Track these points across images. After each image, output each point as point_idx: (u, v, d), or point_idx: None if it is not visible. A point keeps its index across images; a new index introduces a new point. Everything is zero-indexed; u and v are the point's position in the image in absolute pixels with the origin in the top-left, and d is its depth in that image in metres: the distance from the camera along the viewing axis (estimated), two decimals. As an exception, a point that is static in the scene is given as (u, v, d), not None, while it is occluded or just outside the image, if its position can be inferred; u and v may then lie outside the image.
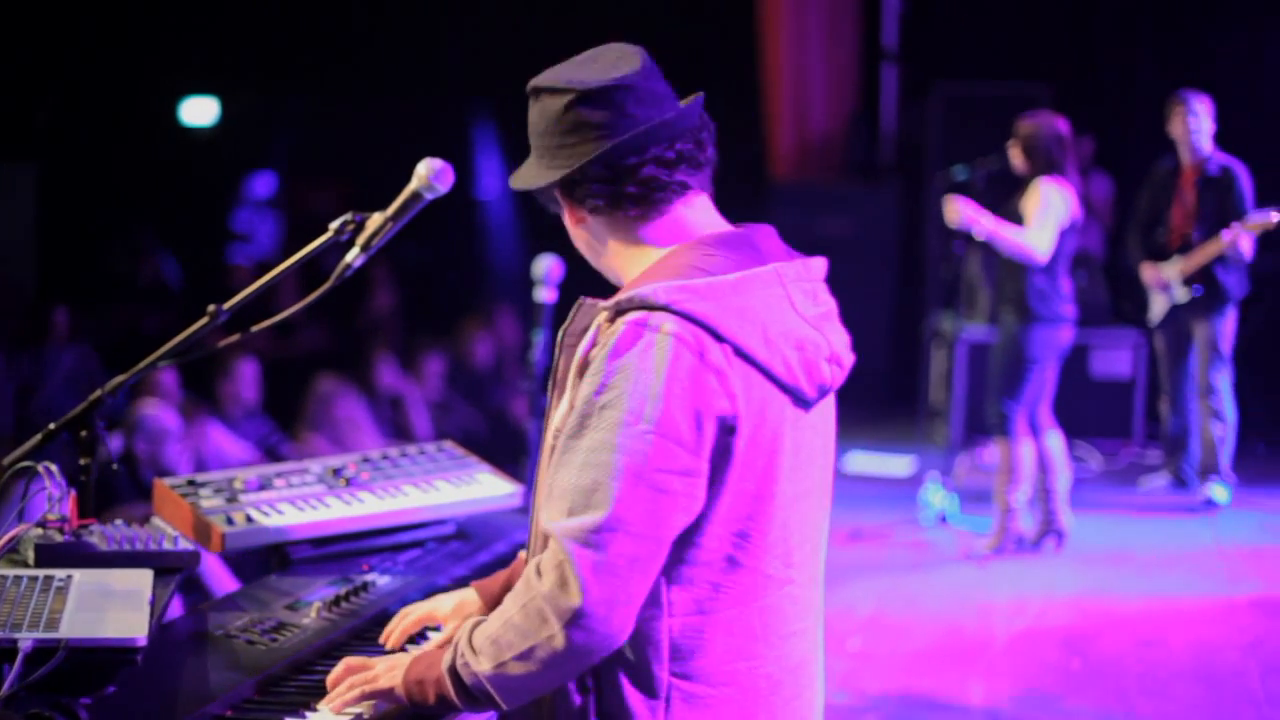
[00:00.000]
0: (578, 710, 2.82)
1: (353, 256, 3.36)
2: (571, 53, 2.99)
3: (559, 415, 2.83)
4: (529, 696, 2.79)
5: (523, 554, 3.33)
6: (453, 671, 2.80)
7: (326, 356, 11.33)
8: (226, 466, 8.05)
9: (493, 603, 3.26)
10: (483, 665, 2.76)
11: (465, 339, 11.68)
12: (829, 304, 2.98)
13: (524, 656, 2.72)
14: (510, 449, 6.29)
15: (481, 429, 10.93)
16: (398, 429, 10.52)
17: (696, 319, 2.71)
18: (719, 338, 2.72)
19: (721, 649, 2.81)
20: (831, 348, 2.91)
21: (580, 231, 2.99)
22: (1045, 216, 8.41)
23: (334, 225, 3.41)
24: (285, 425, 9.80)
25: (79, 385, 11.07)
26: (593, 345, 2.78)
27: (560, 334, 2.95)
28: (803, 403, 2.86)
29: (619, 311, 2.77)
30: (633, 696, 2.80)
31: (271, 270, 3.44)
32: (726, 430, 2.72)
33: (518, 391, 11.68)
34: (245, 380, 9.51)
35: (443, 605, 3.34)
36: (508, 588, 3.27)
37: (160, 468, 7.84)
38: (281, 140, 16.53)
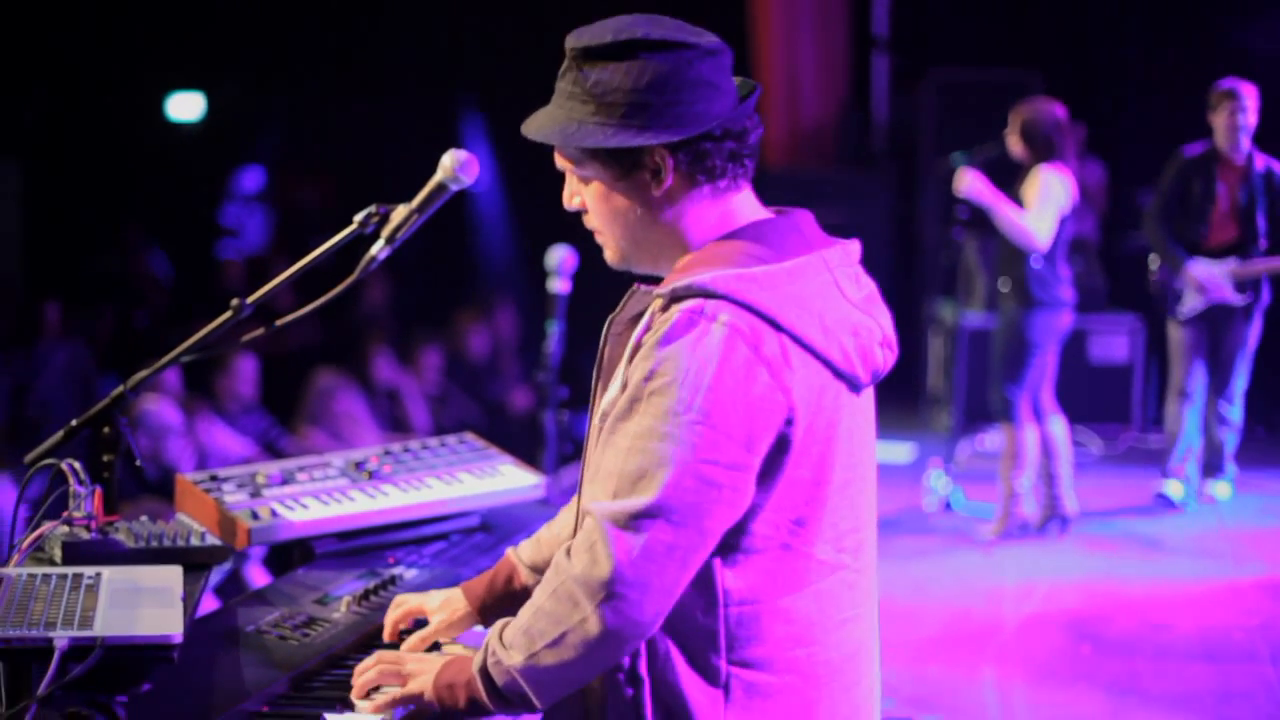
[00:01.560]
0: (630, 702, 2.78)
1: (378, 249, 3.32)
2: (561, 48, 2.87)
3: (608, 399, 2.79)
4: (563, 690, 2.75)
5: (509, 553, 3.32)
6: (484, 672, 2.77)
7: (320, 351, 11.31)
8: (227, 462, 8.03)
9: (478, 603, 3.27)
10: (514, 658, 2.72)
11: (461, 332, 11.66)
12: (871, 286, 2.94)
13: (556, 643, 2.68)
14: (508, 441, 6.27)
15: (479, 421, 10.90)
16: (395, 422, 10.50)
17: (755, 308, 2.67)
18: (777, 327, 2.68)
19: (779, 636, 2.78)
20: (883, 331, 2.89)
21: (620, 200, 2.84)
22: (1046, 204, 8.40)
23: (358, 218, 3.36)
24: (281, 420, 9.78)
25: (73, 382, 11.04)
26: (646, 330, 2.73)
27: (609, 321, 2.91)
28: (856, 388, 2.83)
29: (674, 298, 2.72)
30: (691, 687, 2.76)
31: (282, 259, 3.41)
32: (784, 423, 2.69)
33: (515, 383, 11.67)
34: (244, 376, 9.48)
35: (431, 600, 3.32)
36: (493, 588, 3.28)
37: (162, 464, 7.81)
38: (269, 134, 16.50)
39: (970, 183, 8.53)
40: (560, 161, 2.89)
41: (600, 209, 2.86)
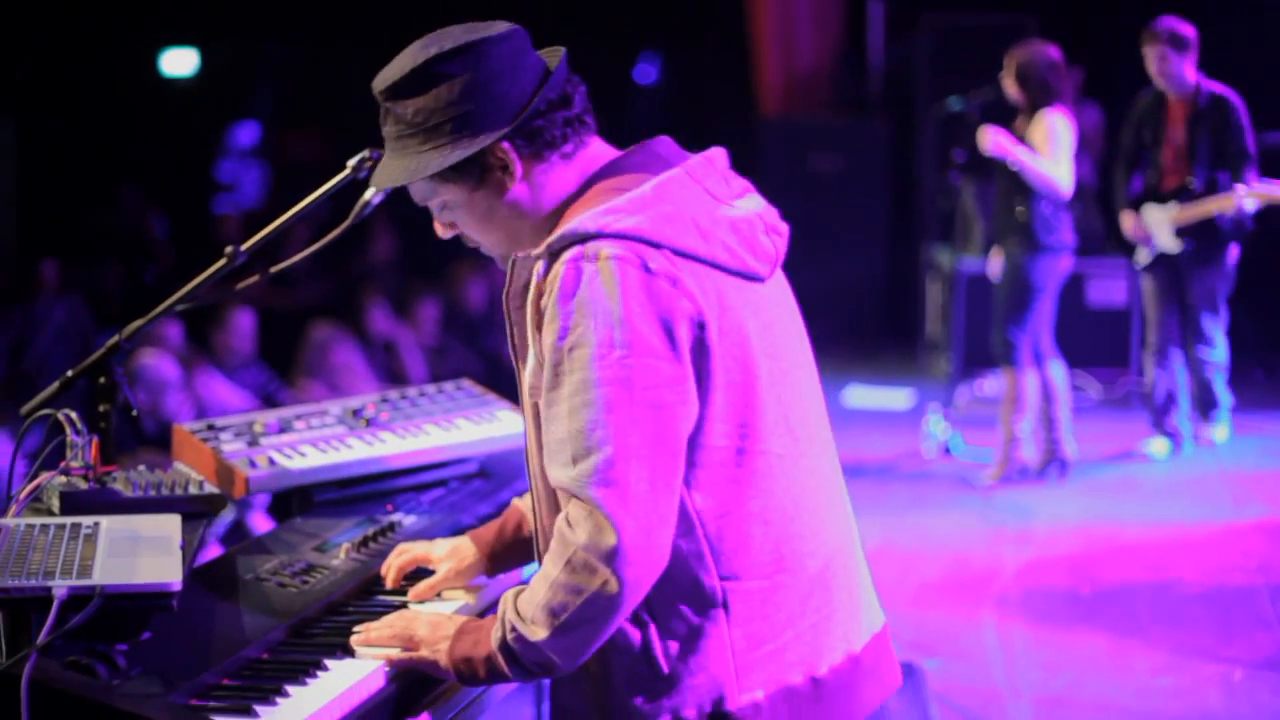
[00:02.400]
0: (640, 647, 2.80)
1: (371, 194, 3.33)
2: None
3: (530, 373, 2.82)
4: (589, 652, 2.76)
5: (516, 501, 3.34)
6: (505, 647, 2.76)
7: (321, 306, 11.31)
8: (226, 415, 8.04)
9: (487, 550, 3.28)
10: (539, 634, 2.71)
11: (459, 283, 11.65)
12: (743, 183, 2.99)
13: (581, 612, 2.68)
14: (506, 391, 6.29)
15: (477, 372, 10.90)
16: (392, 374, 10.50)
17: (629, 234, 2.71)
18: (656, 245, 2.72)
19: (760, 539, 2.81)
20: (763, 220, 2.93)
21: (485, 206, 2.89)
22: (1059, 149, 8.40)
23: (351, 163, 3.39)
24: (280, 374, 9.79)
25: (70, 338, 11.06)
26: (540, 295, 2.76)
27: (504, 298, 2.93)
28: (757, 279, 2.87)
29: (553, 254, 2.75)
30: (692, 613, 2.79)
31: (279, 214, 3.43)
32: (697, 328, 2.72)
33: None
34: (242, 330, 9.49)
35: (437, 548, 3.33)
36: (502, 535, 3.29)
37: (160, 417, 7.82)
38: (263, 89, 16.47)
39: (993, 140, 8.51)
40: (418, 200, 2.96)
41: (472, 223, 2.93)
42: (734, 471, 2.78)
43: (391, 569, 3.32)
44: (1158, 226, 9.09)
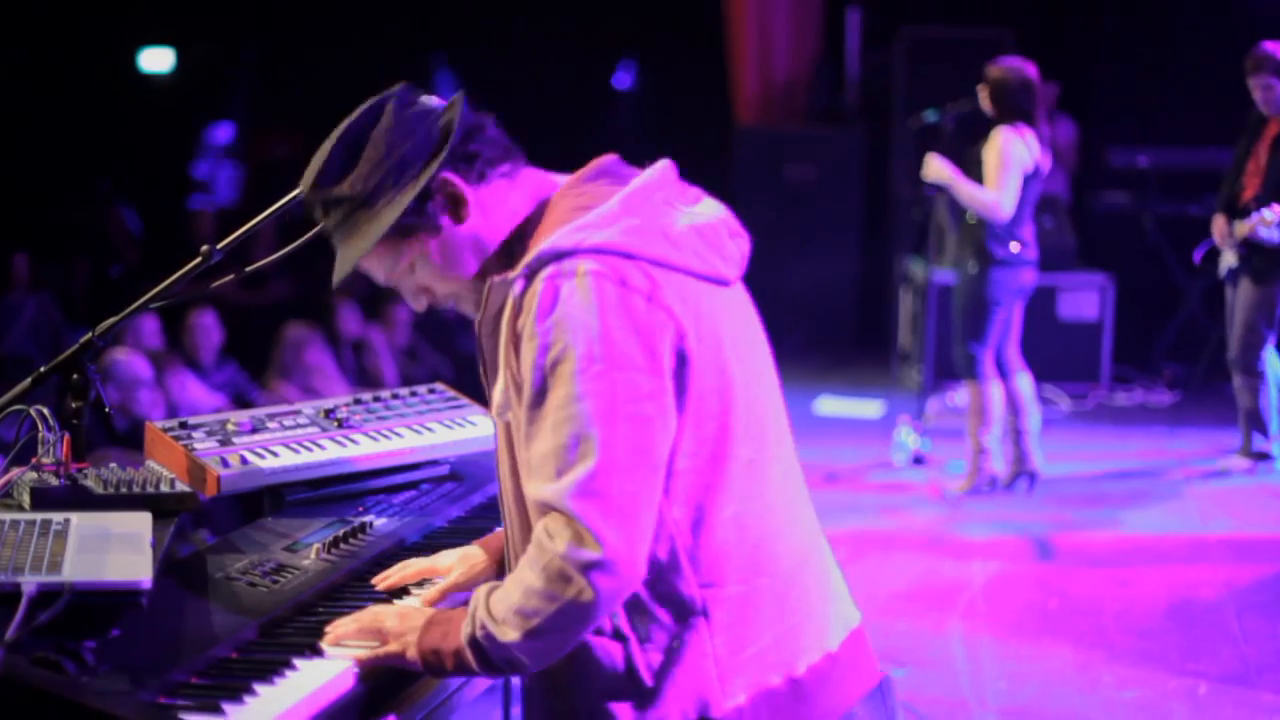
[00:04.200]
0: (622, 661, 2.81)
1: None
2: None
3: (498, 393, 2.83)
4: (558, 656, 2.77)
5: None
6: (474, 643, 2.77)
7: (294, 306, 11.29)
8: (198, 414, 8.02)
9: (498, 555, 3.29)
10: (509, 635, 2.72)
11: (432, 285, 11.61)
12: (697, 191, 3.02)
13: (553, 619, 2.68)
14: (478, 394, 6.27)
15: (450, 375, 10.91)
16: (365, 376, 10.49)
17: (604, 249, 2.72)
18: (631, 258, 2.73)
19: (737, 544, 2.82)
20: (726, 225, 2.96)
21: (450, 247, 2.89)
22: (1008, 173, 8.40)
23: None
24: (253, 374, 9.77)
25: (41, 333, 11.02)
26: (517, 315, 2.75)
27: (478, 323, 2.92)
28: (725, 284, 2.90)
29: (531, 273, 2.75)
30: (672, 623, 2.79)
31: (253, 212, 3.44)
32: (676, 338, 2.73)
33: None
34: (215, 329, 9.46)
35: (442, 559, 3.33)
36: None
37: (132, 415, 7.80)
38: (240, 88, 16.44)
39: (939, 170, 8.56)
40: (384, 278, 2.98)
41: (440, 271, 2.93)
42: (709, 479, 2.79)
43: (396, 582, 3.31)
44: (1233, 238, 9.08)
